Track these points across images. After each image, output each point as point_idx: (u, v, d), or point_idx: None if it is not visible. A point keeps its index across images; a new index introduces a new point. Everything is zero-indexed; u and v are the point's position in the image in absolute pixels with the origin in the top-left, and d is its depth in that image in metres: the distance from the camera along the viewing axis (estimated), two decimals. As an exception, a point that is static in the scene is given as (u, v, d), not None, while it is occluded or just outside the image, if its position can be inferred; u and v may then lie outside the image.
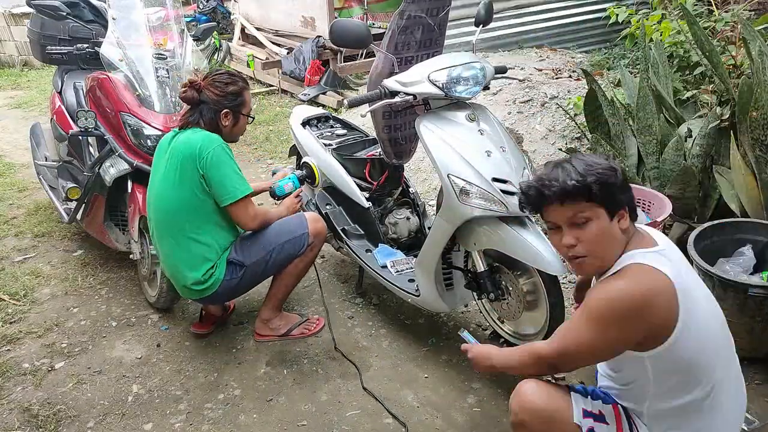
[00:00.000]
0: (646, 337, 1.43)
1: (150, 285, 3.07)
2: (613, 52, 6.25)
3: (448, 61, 2.35)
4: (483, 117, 2.37)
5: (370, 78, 2.77)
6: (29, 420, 2.37)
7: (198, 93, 2.48)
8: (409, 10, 2.56)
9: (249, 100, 2.56)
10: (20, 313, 3.05)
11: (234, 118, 2.52)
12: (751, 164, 2.81)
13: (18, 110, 6.66)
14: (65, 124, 3.52)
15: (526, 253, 2.16)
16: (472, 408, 2.37)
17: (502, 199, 2.17)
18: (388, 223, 3.01)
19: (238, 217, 2.51)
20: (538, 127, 4.38)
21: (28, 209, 4.19)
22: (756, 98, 2.73)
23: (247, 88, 2.56)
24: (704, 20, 4.06)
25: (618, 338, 1.44)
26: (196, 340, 2.82)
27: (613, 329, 1.42)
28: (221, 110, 2.48)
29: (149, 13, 3.16)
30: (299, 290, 3.10)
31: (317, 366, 2.63)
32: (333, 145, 3.18)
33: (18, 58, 8.54)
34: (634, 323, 1.40)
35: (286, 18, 7.32)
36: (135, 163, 2.90)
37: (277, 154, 5.11)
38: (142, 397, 2.48)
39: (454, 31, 5.82)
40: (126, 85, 2.96)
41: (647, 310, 1.39)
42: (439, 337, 2.78)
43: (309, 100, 6.22)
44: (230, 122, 2.52)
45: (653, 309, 1.40)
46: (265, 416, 2.37)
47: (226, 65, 7.79)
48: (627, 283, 1.42)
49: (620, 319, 1.40)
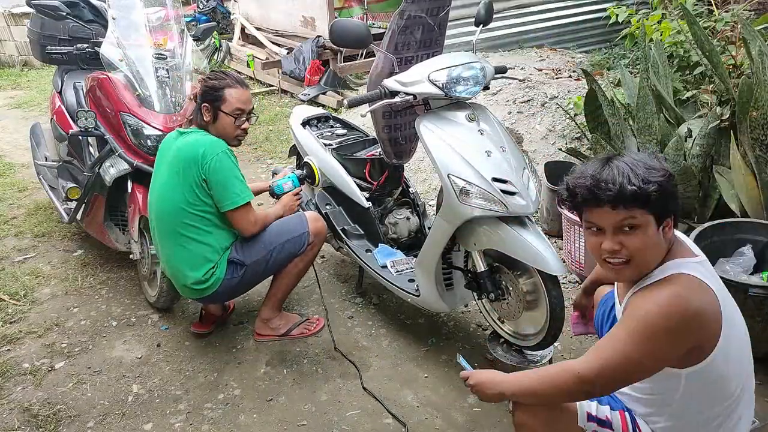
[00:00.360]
0: (690, 351, 1.35)
1: (150, 285, 3.07)
2: (613, 52, 6.25)
3: (448, 61, 2.35)
4: (483, 117, 2.37)
5: (370, 78, 2.77)
6: (29, 420, 2.37)
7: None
8: (409, 10, 2.56)
9: (234, 99, 2.46)
10: (20, 313, 3.05)
11: (212, 114, 2.47)
12: (751, 164, 2.81)
13: (18, 110, 6.66)
14: (65, 124, 3.52)
15: (526, 253, 2.16)
16: (472, 408, 2.37)
17: (502, 199, 2.17)
18: (388, 223, 3.01)
19: (239, 222, 2.51)
20: (538, 127, 4.38)
21: (28, 209, 4.19)
22: (756, 98, 2.73)
23: (233, 86, 2.48)
24: (704, 20, 4.06)
25: (667, 352, 1.34)
26: (196, 339, 2.82)
27: (663, 342, 1.32)
28: (201, 104, 2.48)
29: (149, 13, 3.15)
30: (299, 290, 3.10)
31: (317, 366, 2.63)
32: (333, 145, 3.17)
33: (18, 58, 8.54)
34: (685, 336, 1.32)
35: (286, 18, 7.32)
36: (135, 163, 2.90)
37: (277, 154, 5.11)
38: (142, 397, 2.48)
39: (454, 31, 5.82)
40: (126, 85, 2.96)
41: (698, 323, 1.32)
42: (439, 337, 2.78)
43: (309, 100, 6.22)
44: (210, 118, 2.48)
45: (703, 322, 1.33)
46: (265, 416, 2.37)
47: (226, 65, 7.79)
48: (680, 294, 1.33)
49: (673, 330, 1.31)
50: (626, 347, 1.34)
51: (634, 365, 1.35)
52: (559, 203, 1.63)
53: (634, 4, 6.22)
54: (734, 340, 1.40)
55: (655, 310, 1.33)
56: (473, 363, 2.59)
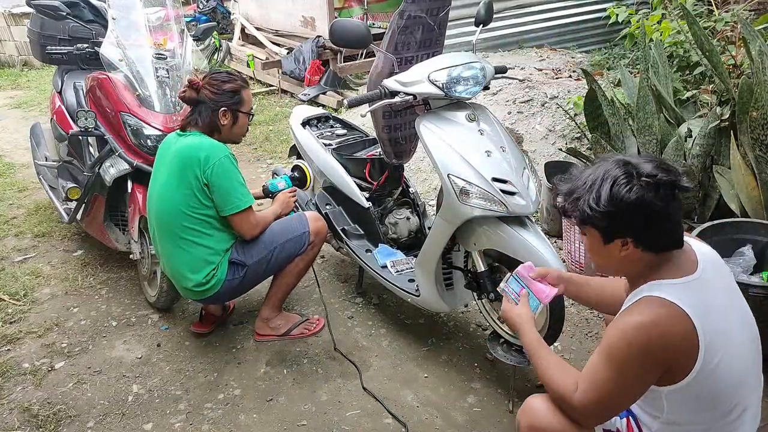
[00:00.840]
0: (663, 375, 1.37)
1: (150, 285, 3.07)
2: (613, 52, 6.26)
3: (448, 61, 2.35)
4: (483, 117, 2.37)
5: (370, 78, 2.77)
6: (29, 420, 2.37)
7: (196, 93, 2.48)
8: (409, 10, 2.56)
9: (249, 99, 2.55)
10: (20, 313, 3.05)
11: (233, 117, 2.51)
12: (751, 164, 2.81)
13: (18, 110, 6.66)
14: (65, 124, 3.52)
15: (526, 253, 2.16)
16: (472, 408, 2.37)
17: (502, 199, 2.17)
18: (388, 223, 3.01)
19: (241, 226, 2.51)
20: (538, 127, 4.38)
21: (28, 209, 4.19)
22: (756, 98, 2.73)
23: (246, 87, 2.55)
24: (704, 20, 4.06)
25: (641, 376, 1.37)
26: (196, 339, 2.82)
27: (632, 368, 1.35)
28: (219, 109, 2.47)
29: (149, 13, 3.15)
30: (299, 290, 3.10)
31: (317, 366, 2.63)
32: (333, 145, 3.18)
33: (18, 58, 8.54)
34: (651, 361, 1.34)
35: (286, 18, 7.32)
36: (135, 163, 2.90)
37: (277, 154, 5.11)
38: (142, 397, 2.48)
39: (454, 31, 5.82)
40: (126, 85, 2.96)
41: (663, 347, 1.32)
42: (439, 337, 2.78)
43: (309, 100, 6.22)
44: (229, 121, 2.51)
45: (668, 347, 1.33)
46: (265, 416, 2.37)
47: (226, 65, 7.79)
48: (639, 318, 1.35)
49: (635, 357, 1.34)
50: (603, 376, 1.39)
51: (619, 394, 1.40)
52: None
53: (634, 4, 6.22)
54: (726, 359, 1.36)
55: (618, 337, 1.37)
56: (473, 363, 2.60)
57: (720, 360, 1.35)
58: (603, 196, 1.38)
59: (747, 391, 1.44)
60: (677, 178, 1.38)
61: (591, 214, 1.40)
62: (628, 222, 1.39)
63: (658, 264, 1.42)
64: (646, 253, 1.42)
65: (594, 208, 1.39)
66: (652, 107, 3.09)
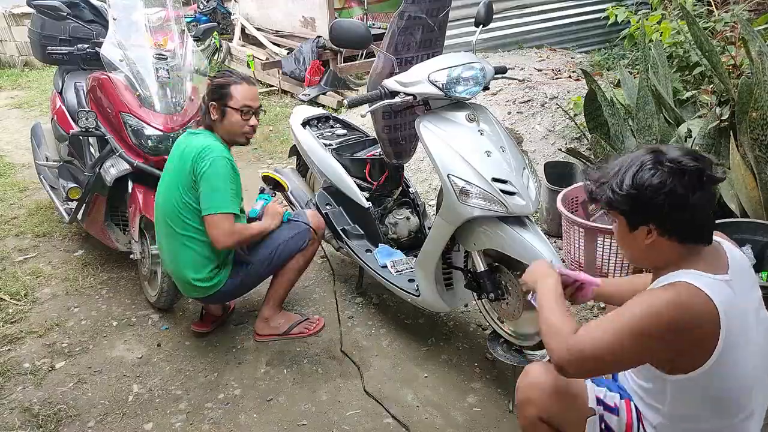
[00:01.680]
0: (674, 360, 1.37)
1: (150, 285, 3.07)
2: (613, 53, 6.26)
3: (448, 62, 2.35)
4: (483, 117, 2.38)
5: (370, 78, 2.77)
6: (29, 420, 2.37)
7: None
8: (409, 11, 2.56)
9: (241, 96, 2.47)
10: (21, 312, 3.05)
11: (220, 112, 2.48)
12: (750, 164, 2.81)
13: (19, 110, 6.66)
14: (66, 124, 3.53)
15: (526, 253, 2.16)
16: (472, 408, 2.37)
17: (502, 199, 2.17)
18: (388, 223, 3.02)
19: (212, 229, 2.41)
20: (538, 127, 4.39)
21: (29, 209, 4.19)
22: (756, 98, 2.73)
23: (239, 83, 2.48)
24: (704, 20, 4.07)
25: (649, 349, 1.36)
26: (197, 339, 2.82)
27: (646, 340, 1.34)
28: (209, 104, 2.49)
29: (149, 14, 3.16)
30: (299, 290, 3.10)
31: (317, 366, 2.63)
32: (333, 145, 3.18)
33: (19, 58, 8.55)
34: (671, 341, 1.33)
35: (286, 18, 7.33)
36: (136, 163, 2.91)
37: (277, 154, 5.12)
38: (143, 397, 2.49)
39: (454, 31, 5.82)
40: (126, 86, 2.97)
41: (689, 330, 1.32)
42: (439, 337, 2.78)
43: (309, 101, 6.22)
44: (217, 116, 2.49)
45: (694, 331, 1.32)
46: (265, 416, 2.37)
47: (227, 65, 7.79)
48: (674, 299, 1.33)
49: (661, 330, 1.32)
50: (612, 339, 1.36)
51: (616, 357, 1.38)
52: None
53: (634, 4, 6.23)
54: (741, 362, 1.36)
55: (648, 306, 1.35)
56: (473, 363, 2.60)
57: (734, 361, 1.35)
58: (626, 180, 1.40)
59: (756, 397, 1.44)
60: (705, 167, 1.37)
61: (614, 198, 1.42)
62: (650, 207, 1.38)
63: (687, 256, 1.41)
64: (672, 242, 1.41)
65: (616, 191, 1.41)
66: (652, 107, 3.09)
